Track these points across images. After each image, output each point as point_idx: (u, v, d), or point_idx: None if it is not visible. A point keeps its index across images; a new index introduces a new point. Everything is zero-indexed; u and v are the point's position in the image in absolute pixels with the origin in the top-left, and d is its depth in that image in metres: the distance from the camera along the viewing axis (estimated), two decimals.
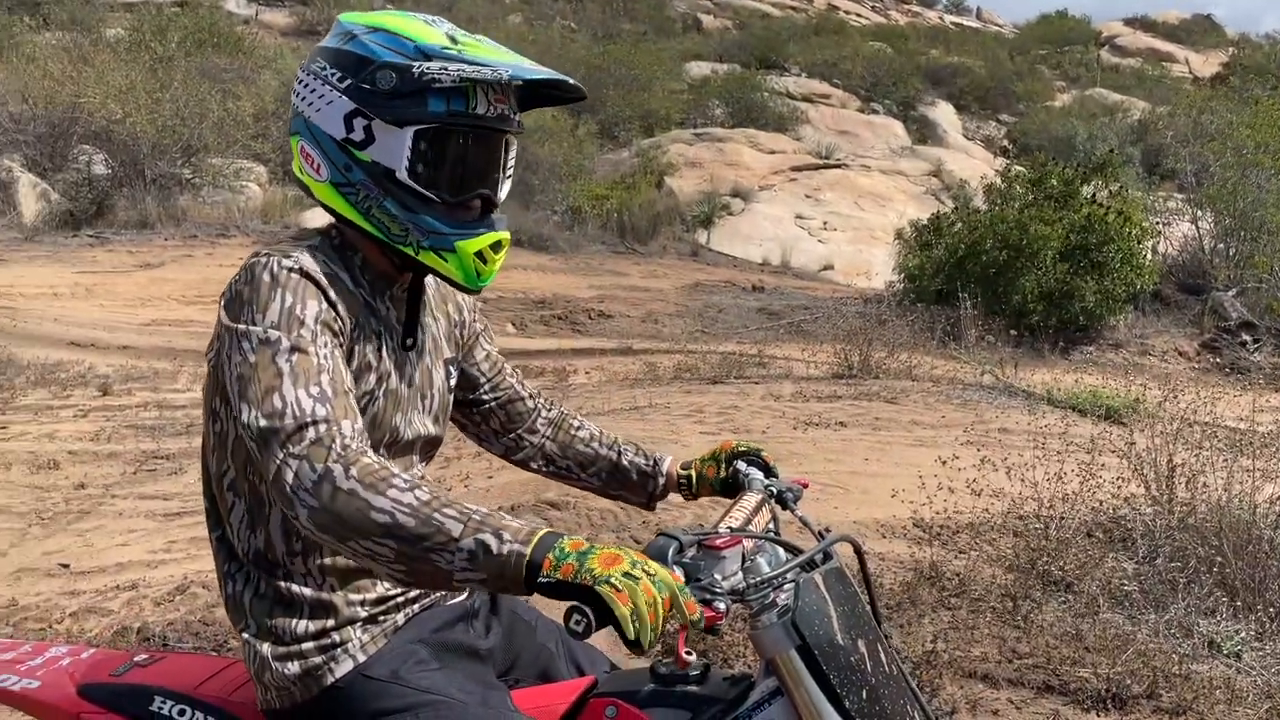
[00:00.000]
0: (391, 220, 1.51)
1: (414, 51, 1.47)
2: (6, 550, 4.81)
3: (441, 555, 1.23)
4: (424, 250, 1.53)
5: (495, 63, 1.47)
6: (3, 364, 8.50)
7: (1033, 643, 3.73)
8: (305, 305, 1.42)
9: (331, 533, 1.28)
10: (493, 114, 1.51)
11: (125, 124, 15.91)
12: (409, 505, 1.25)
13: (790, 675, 1.32)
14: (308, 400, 1.34)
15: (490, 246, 1.55)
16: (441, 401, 1.74)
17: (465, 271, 1.54)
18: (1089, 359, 12.73)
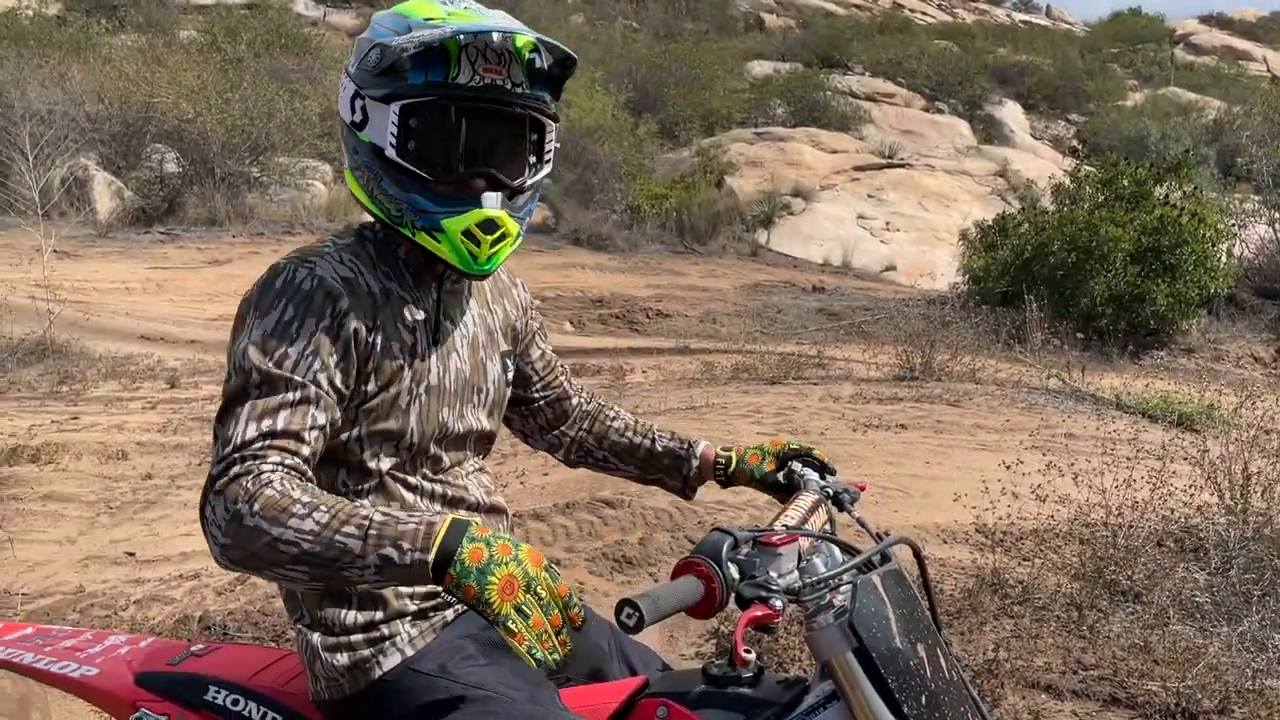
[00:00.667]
0: (390, 200, 1.51)
1: (402, 27, 1.47)
2: (76, 538, 4.93)
3: (351, 571, 1.26)
4: (419, 231, 1.50)
5: (448, 24, 1.44)
6: (76, 356, 8.74)
7: (1099, 654, 3.62)
8: (303, 323, 1.43)
9: (245, 566, 1.31)
10: (478, 83, 1.46)
11: (196, 123, 16.29)
12: (310, 532, 1.26)
13: (847, 678, 1.28)
14: (252, 431, 1.36)
15: (479, 225, 1.49)
16: (497, 395, 1.72)
17: (458, 254, 1.50)
18: (1160, 364, 12.40)
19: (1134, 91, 36.72)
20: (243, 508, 1.29)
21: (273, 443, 1.35)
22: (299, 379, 1.40)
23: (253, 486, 1.30)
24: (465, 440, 1.67)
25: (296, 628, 1.58)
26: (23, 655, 1.81)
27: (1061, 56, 37.84)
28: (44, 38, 20.70)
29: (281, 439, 1.36)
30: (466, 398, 1.64)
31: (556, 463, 2.01)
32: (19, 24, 23.70)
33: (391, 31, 1.48)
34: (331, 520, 1.27)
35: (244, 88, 17.26)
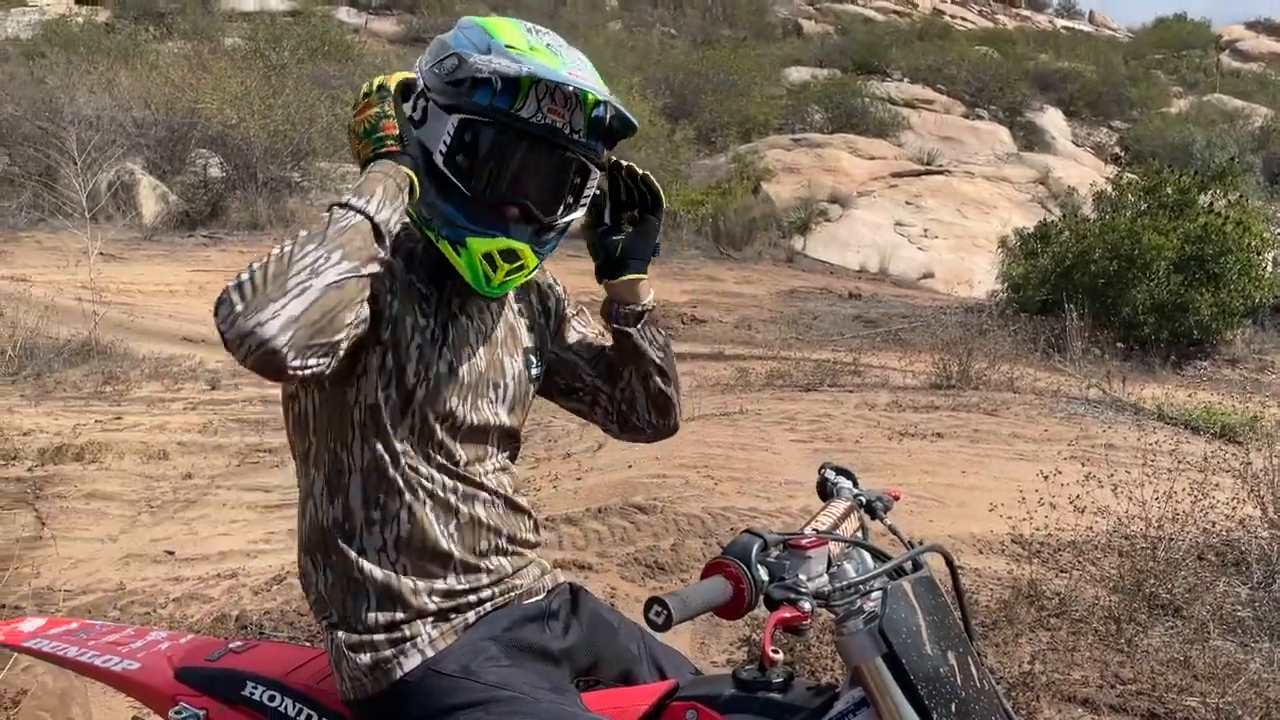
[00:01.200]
0: (424, 203, 1.55)
1: (484, 45, 1.51)
2: (117, 536, 5.01)
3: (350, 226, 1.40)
4: (442, 239, 1.56)
5: (531, 61, 1.48)
6: (120, 357, 8.89)
7: (1137, 668, 3.57)
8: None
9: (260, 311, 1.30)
10: (539, 120, 1.51)
11: (239, 129, 16.54)
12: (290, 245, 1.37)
13: (876, 684, 1.28)
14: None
15: (501, 253, 1.54)
16: (517, 391, 1.72)
17: (473, 272, 1.56)
18: (1203, 375, 12.20)
19: (1178, 98, 36.24)
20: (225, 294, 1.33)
21: None
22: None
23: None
24: (484, 434, 1.67)
25: (325, 629, 1.60)
26: (67, 649, 1.85)
27: (1104, 63, 37.42)
28: (93, 44, 21.14)
29: None
30: (481, 391, 1.65)
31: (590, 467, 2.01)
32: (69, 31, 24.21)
33: (472, 46, 1.52)
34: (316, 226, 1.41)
35: (286, 93, 17.50)
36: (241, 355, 1.30)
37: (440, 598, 1.60)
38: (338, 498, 1.57)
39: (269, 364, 1.30)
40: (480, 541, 1.63)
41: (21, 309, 8.98)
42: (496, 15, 1.65)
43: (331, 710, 1.62)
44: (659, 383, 1.80)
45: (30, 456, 6.04)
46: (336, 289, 1.34)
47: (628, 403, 1.83)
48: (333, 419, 1.56)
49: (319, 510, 1.59)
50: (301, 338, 1.31)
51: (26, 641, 1.89)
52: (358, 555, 1.57)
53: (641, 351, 1.78)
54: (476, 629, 1.60)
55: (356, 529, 1.57)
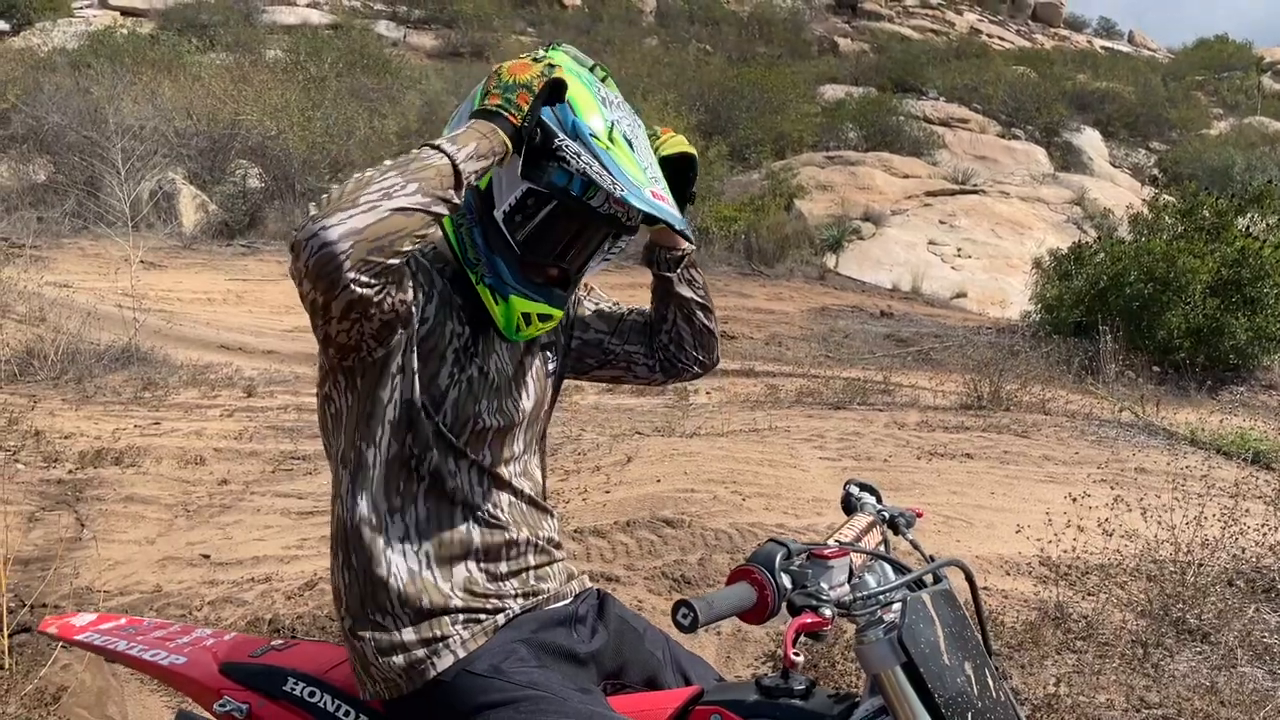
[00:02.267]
0: (472, 246, 1.62)
1: (569, 126, 1.55)
2: (154, 539, 5.11)
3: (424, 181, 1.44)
4: (482, 285, 1.62)
5: (622, 176, 1.53)
6: (159, 364, 9.05)
7: (1163, 692, 3.56)
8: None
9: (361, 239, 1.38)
10: (605, 210, 1.58)
11: (279, 140, 16.81)
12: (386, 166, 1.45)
13: (895, 693, 1.32)
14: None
15: (538, 315, 1.64)
16: (541, 391, 1.79)
17: (507, 322, 1.64)
18: (1239, 400, 12.06)
19: (1218, 120, 35.89)
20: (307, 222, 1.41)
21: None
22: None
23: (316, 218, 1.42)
24: (510, 435, 1.72)
25: (348, 637, 1.65)
26: (117, 643, 1.93)
27: (1143, 83, 37.15)
28: (138, 55, 21.53)
29: None
30: (508, 393, 1.71)
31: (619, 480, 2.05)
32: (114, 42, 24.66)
33: (555, 118, 1.56)
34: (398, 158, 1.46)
35: (325, 106, 17.77)
36: (305, 258, 1.38)
37: (465, 594, 1.64)
38: (362, 493, 1.62)
39: (325, 268, 1.38)
40: (503, 535, 1.68)
41: (64, 315, 9.18)
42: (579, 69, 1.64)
43: (368, 707, 1.67)
44: (702, 319, 1.94)
45: (71, 459, 6.17)
46: (403, 215, 1.41)
47: (675, 344, 1.95)
48: (363, 418, 1.60)
49: (344, 508, 1.64)
50: (360, 250, 1.38)
51: (78, 635, 1.97)
52: (383, 547, 1.61)
53: (684, 294, 1.91)
54: (506, 631, 1.65)
55: (380, 520, 1.61)
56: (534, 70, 1.53)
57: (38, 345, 8.50)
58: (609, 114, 1.58)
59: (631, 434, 7.21)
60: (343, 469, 1.64)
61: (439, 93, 23.59)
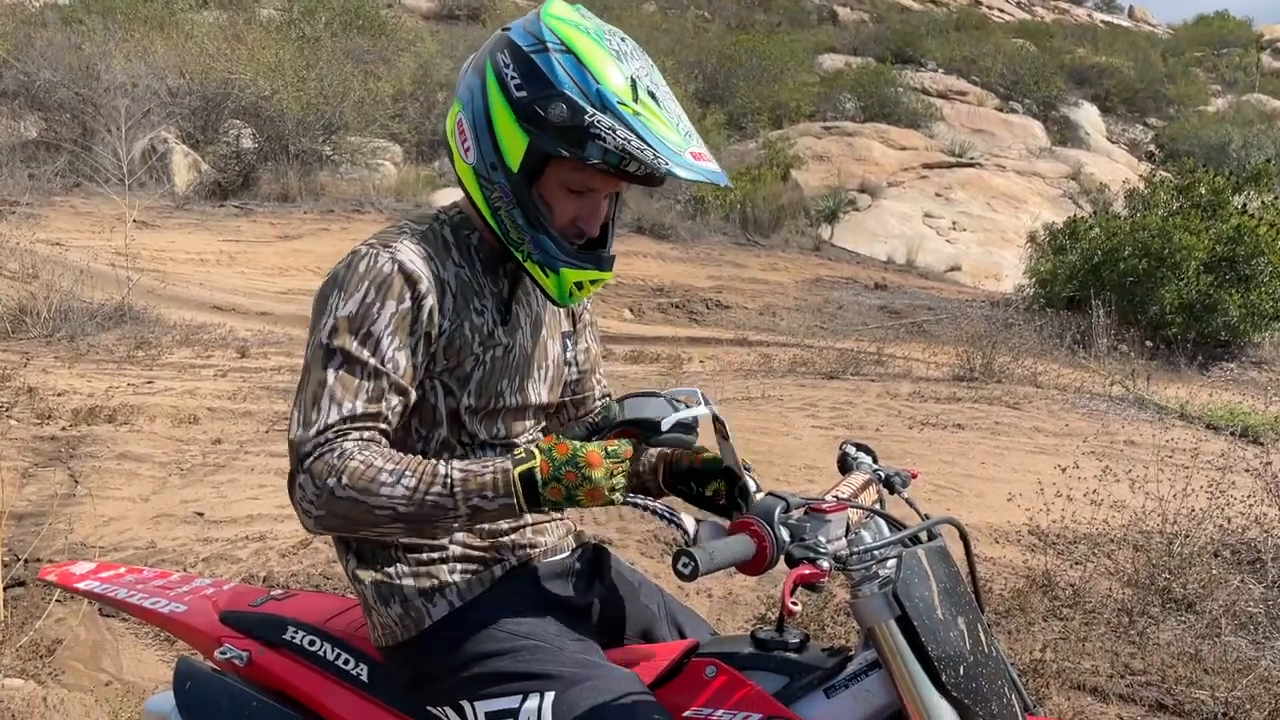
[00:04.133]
0: (514, 227, 1.59)
1: (594, 95, 1.49)
2: (148, 496, 5.13)
3: (445, 523, 1.47)
4: (531, 261, 1.61)
5: (660, 144, 1.49)
6: (152, 323, 9.03)
7: (1147, 660, 3.61)
8: (384, 305, 1.52)
9: (338, 530, 1.51)
10: (640, 173, 1.55)
11: (272, 101, 16.64)
12: (401, 497, 1.43)
13: (888, 646, 1.34)
14: (334, 415, 1.48)
15: (589, 281, 1.64)
16: (556, 372, 1.81)
17: (560, 291, 1.63)
18: (1229, 376, 12.13)
19: (1216, 97, 35.75)
20: (331, 482, 1.43)
21: (353, 425, 1.48)
22: (377, 362, 1.51)
23: (338, 462, 1.44)
24: (525, 411, 1.74)
25: (351, 579, 1.67)
26: (117, 590, 1.94)
27: (1142, 59, 36.93)
28: (130, 11, 21.23)
29: (361, 420, 1.49)
30: (528, 373, 1.72)
31: None
32: None
33: (577, 88, 1.49)
34: (419, 484, 1.43)
35: (320, 67, 17.57)
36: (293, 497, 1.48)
37: (463, 546, 1.65)
38: None
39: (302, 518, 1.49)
40: None
41: (57, 272, 9.14)
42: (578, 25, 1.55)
43: (368, 655, 1.69)
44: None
45: (64, 417, 6.18)
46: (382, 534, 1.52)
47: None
48: None
49: None
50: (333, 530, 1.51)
51: (78, 583, 1.99)
52: None
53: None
54: (503, 582, 1.67)
55: None
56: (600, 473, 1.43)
57: (30, 303, 8.47)
58: (627, 68, 1.53)
59: None
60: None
61: (434, 55, 23.36)
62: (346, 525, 1.45)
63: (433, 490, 1.43)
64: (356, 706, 1.67)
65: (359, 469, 1.42)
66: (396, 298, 1.52)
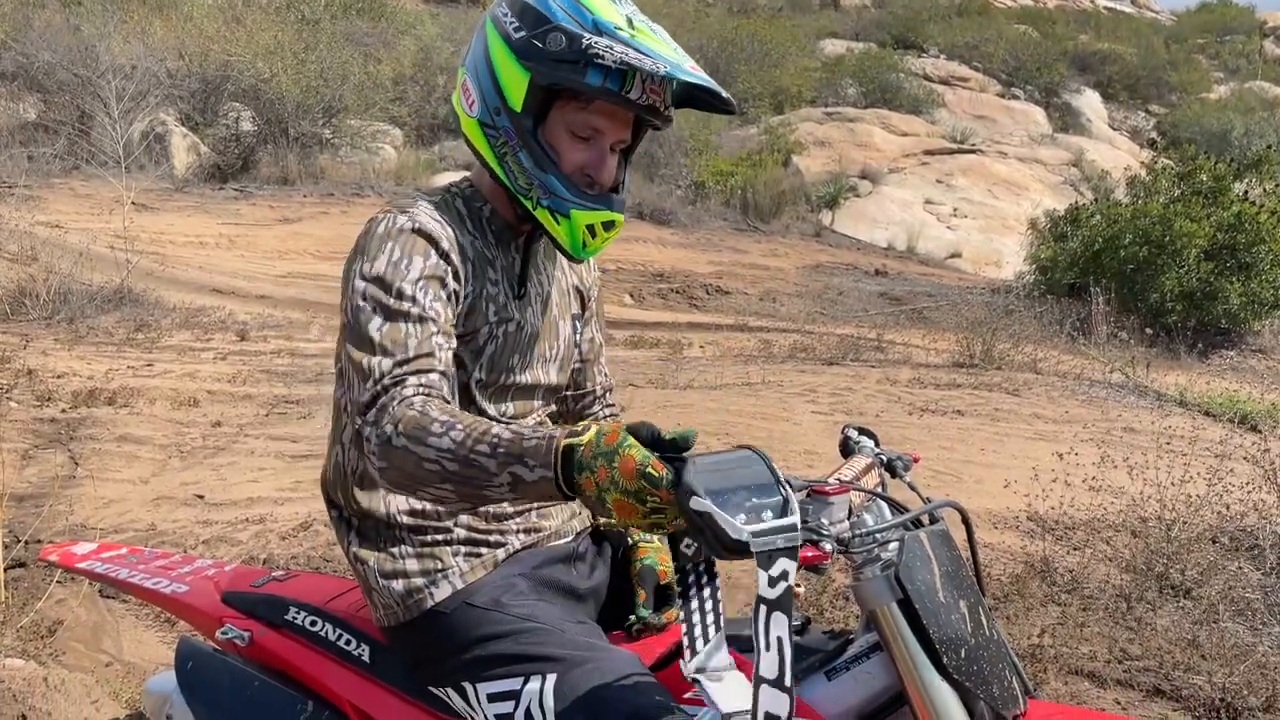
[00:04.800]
0: (521, 172, 1.58)
1: (590, 24, 1.50)
2: (148, 478, 5.13)
3: (489, 490, 1.33)
4: (541, 208, 1.59)
5: (658, 55, 1.49)
6: (151, 306, 9.03)
7: (1145, 645, 3.63)
8: (411, 260, 1.51)
9: (404, 488, 1.41)
10: (643, 101, 1.54)
11: (272, 83, 16.56)
12: (448, 451, 1.33)
13: (890, 629, 1.34)
14: (387, 363, 1.45)
15: (602, 224, 1.61)
16: (566, 352, 1.81)
17: (572, 239, 1.61)
18: (1229, 364, 12.13)
19: (1219, 84, 35.66)
20: (388, 429, 1.39)
21: (407, 368, 1.45)
22: (418, 309, 1.50)
23: (397, 410, 1.40)
24: (534, 391, 1.74)
25: (352, 560, 1.66)
26: (118, 570, 1.94)
27: (1145, 46, 36.80)
28: None
29: (414, 361, 1.46)
30: (538, 351, 1.72)
31: None
32: None
33: (572, 19, 1.51)
34: (466, 439, 1.33)
35: (319, 49, 17.49)
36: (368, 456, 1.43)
37: (467, 529, 1.65)
38: None
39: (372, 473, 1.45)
40: None
41: (56, 255, 9.13)
42: None
43: (369, 636, 1.70)
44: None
45: (64, 399, 6.18)
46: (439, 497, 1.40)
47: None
48: None
49: (346, 456, 1.66)
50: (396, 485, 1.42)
51: (80, 563, 1.99)
52: (385, 493, 1.64)
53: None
54: (506, 565, 1.67)
55: None
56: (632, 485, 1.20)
57: (30, 285, 8.47)
58: (621, 8, 1.55)
59: (625, 385, 7.23)
60: (346, 418, 1.62)
61: (434, 39, 23.26)
62: (407, 480, 1.38)
63: (477, 449, 1.31)
64: (358, 687, 1.67)
65: (414, 418, 1.37)
66: (423, 254, 1.53)
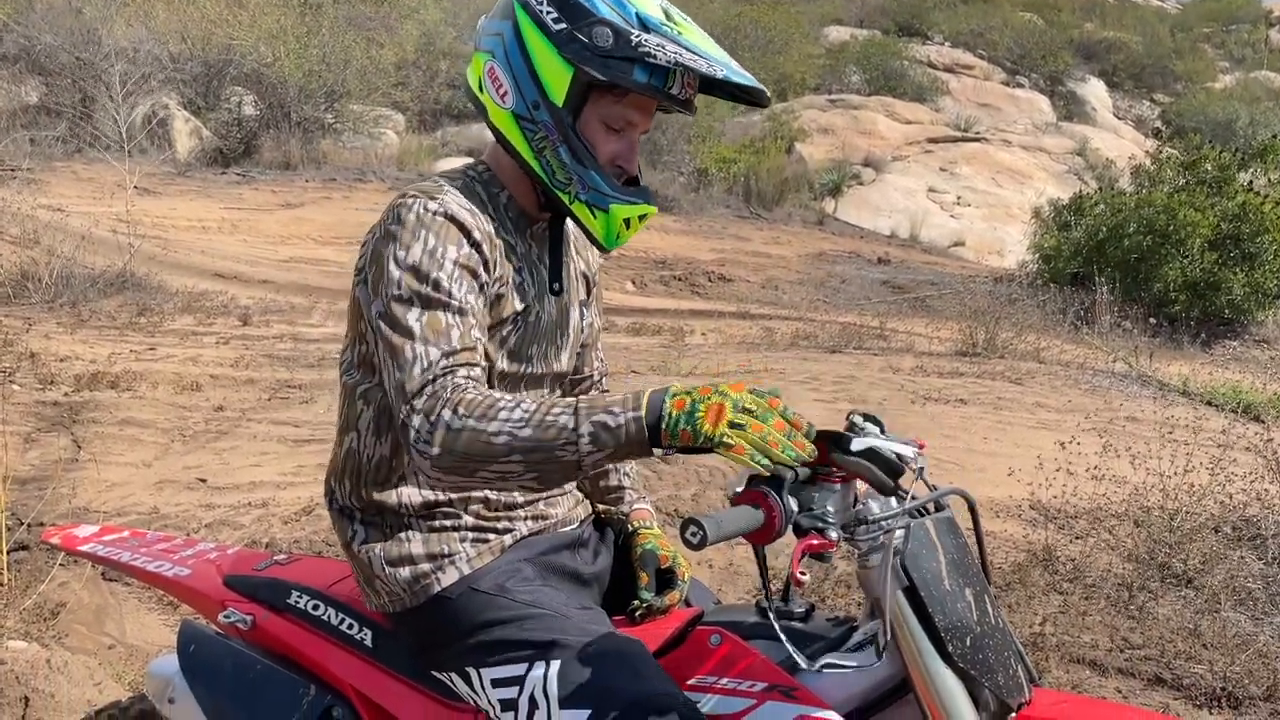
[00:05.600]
0: (560, 167, 1.57)
1: (634, 19, 1.49)
2: (151, 462, 5.13)
3: (566, 449, 1.33)
4: (579, 202, 1.58)
5: (709, 56, 1.50)
6: (154, 290, 9.02)
7: (1146, 634, 3.62)
8: (445, 249, 1.50)
9: (457, 471, 1.39)
10: (683, 97, 1.55)
11: (274, 67, 16.54)
12: (521, 419, 1.35)
13: (896, 616, 1.34)
14: (434, 352, 1.44)
15: (638, 216, 1.62)
16: (576, 339, 1.80)
17: (608, 232, 1.61)
18: (1232, 354, 12.12)
19: (1224, 74, 35.52)
20: (446, 413, 1.38)
21: (455, 359, 1.45)
22: (456, 301, 1.49)
23: (451, 395, 1.40)
24: (543, 379, 1.73)
25: (353, 550, 1.65)
26: (120, 554, 1.94)
27: (1150, 34, 36.65)
28: None
29: (460, 354, 1.46)
30: (552, 339, 1.71)
31: None
32: None
33: (616, 14, 1.50)
34: (539, 406, 1.36)
35: (322, 34, 17.46)
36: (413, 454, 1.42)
37: (475, 516, 1.65)
38: (387, 434, 1.62)
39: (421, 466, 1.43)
40: None
41: (58, 238, 9.12)
42: None
43: (371, 620, 1.69)
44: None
45: (66, 382, 6.17)
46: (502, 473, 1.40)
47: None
48: None
49: (362, 442, 1.64)
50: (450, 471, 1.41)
51: (82, 546, 1.99)
52: (398, 484, 1.63)
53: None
54: (512, 551, 1.66)
55: (404, 461, 1.62)
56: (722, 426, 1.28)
57: (32, 268, 8.46)
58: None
59: (627, 372, 7.23)
60: (364, 404, 1.63)
61: (437, 23, 23.19)
62: (463, 463, 1.37)
63: (554, 411, 1.34)
64: (360, 671, 1.67)
65: (475, 399, 1.38)
66: (456, 243, 1.52)
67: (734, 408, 1.28)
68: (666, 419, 1.30)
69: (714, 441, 1.26)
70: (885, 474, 1.34)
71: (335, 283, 10.33)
